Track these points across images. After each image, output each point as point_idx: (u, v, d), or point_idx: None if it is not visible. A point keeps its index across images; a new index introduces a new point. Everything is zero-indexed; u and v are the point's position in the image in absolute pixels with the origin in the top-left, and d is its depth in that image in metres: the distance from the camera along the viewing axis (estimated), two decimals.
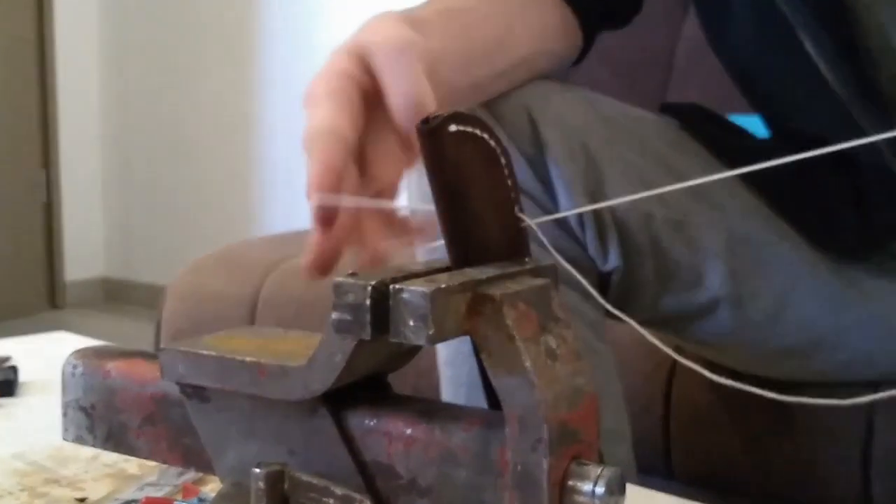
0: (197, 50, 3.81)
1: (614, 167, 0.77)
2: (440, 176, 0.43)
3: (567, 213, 0.74)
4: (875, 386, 0.86)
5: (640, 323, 0.87)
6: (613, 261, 0.77)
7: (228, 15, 3.71)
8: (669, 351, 0.46)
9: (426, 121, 0.42)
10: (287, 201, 3.53)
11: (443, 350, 0.79)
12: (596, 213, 0.75)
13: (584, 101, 0.80)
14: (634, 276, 0.78)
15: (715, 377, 0.46)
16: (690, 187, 0.45)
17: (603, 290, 0.79)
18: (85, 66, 4.10)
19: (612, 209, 0.76)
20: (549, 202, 0.76)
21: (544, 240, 0.46)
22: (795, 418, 0.88)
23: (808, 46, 0.74)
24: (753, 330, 0.82)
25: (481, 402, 0.48)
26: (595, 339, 0.78)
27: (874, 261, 0.82)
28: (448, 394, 0.79)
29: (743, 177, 0.80)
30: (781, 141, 0.88)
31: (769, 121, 0.91)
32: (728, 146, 0.84)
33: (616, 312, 0.51)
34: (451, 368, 0.78)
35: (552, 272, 0.45)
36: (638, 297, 0.80)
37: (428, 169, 0.43)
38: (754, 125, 0.91)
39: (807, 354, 0.84)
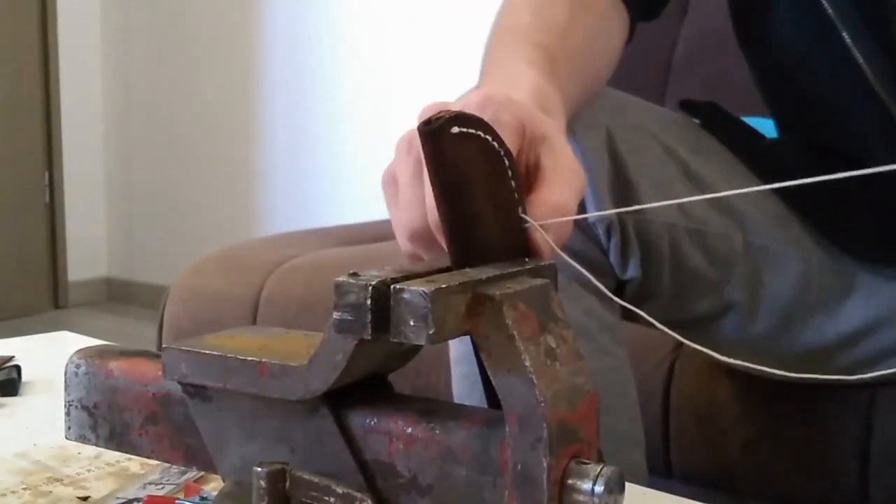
0: (198, 52, 3.82)
1: (641, 177, 0.78)
2: (441, 176, 0.43)
3: (570, 217, 0.74)
4: (875, 387, 0.86)
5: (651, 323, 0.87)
6: (632, 271, 0.77)
7: (230, 19, 3.71)
8: (692, 344, 0.46)
9: (428, 122, 0.42)
10: (288, 202, 3.53)
11: (455, 347, 0.79)
12: (620, 222, 0.76)
13: (616, 106, 0.80)
14: (652, 282, 0.79)
15: (724, 359, 0.46)
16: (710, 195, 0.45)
17: (619, 295, 0.79)
18: (87, 68, 4.10)
19: (634, 219, 0.76)
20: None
21: (549, 241, 0.46)
22: (794, 418, 0.89)
23: (851, 46, 0.73)
24: (762, 334, 0.82)
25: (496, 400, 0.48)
26: (611, 342, 0.78)
27: (886, 262, 0.82)
28: (461, 391, 0.79)
29: (763, 180, 0.81)
30: (792, 142, 0.88)
31: (782, 124, 0.91)
32: (748, 147, 0.84)
33: (633, 309, 0.52)
34: (466, 366, 0.78)
35: (552, 272, 0.45)
36: (653, 301, 0.80)
37: (429, 169, 0.43)
38: (762, 128, 0.91)
39: (814, 358, 0.84)
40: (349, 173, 3.24)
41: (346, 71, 3.30)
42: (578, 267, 0.46)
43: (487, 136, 0.44)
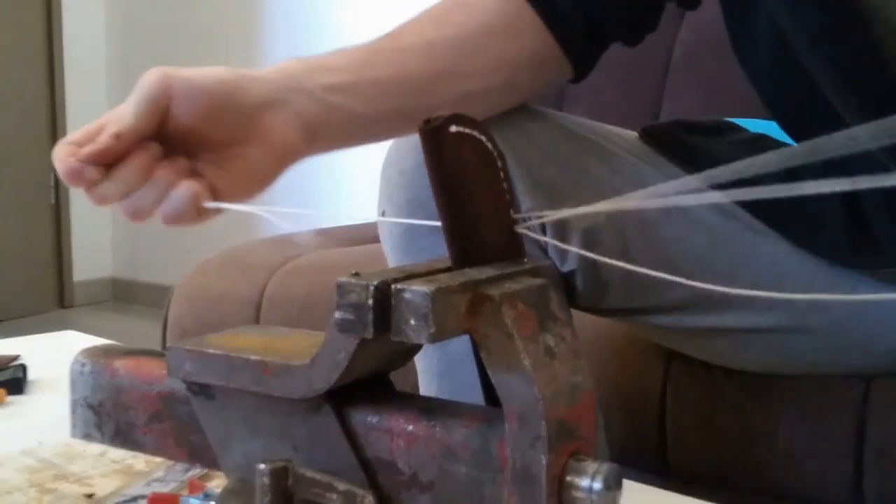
0: (202, 53, 3.82)
1: (579, 178, 0.78)
2: (441, 175, 0.43)
3: (563, 214, 0.75)
4: (868, 383, 0.87)
5: (613, 312, 0.87)
6: (571, 263, 0.78)
7: (233, 17, 3.71)
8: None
9: (428, 121, 0.43)
10: (290, 203, 3.53)
11: None
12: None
13: (551, 122, 0.81)
14: (601, 271, 0.79)
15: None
16: (662, 200, 0.44)
17: (567, 286, 0.80)
18: (92, 67, 4.10)
19: (579, 218, 0.76)
20: None
21: (540, 240, 0.47)
22: (789, 415, 0.89)
23: (826, 90, 0.73)
24: (740, 324, 0.82)
25: (454, 391, 0.48)
26: None
27: (861, 267, 0.82)
28: (423, 386, 0.80)
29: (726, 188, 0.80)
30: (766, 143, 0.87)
31: (783, 127, 0.91)
32: (696, 158, 0.83)
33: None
34: (423, 361, 0.80)
35: (551, 272, 0.45)
36: (607, 295, 0.81)
37: (429, 168, 0.44)
38: (766, 130, 0.91)
39: (802, 349, 0.84)
40: (350, 174, 3.25)
41: None
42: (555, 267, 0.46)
43: (482, 137, 0.44)
